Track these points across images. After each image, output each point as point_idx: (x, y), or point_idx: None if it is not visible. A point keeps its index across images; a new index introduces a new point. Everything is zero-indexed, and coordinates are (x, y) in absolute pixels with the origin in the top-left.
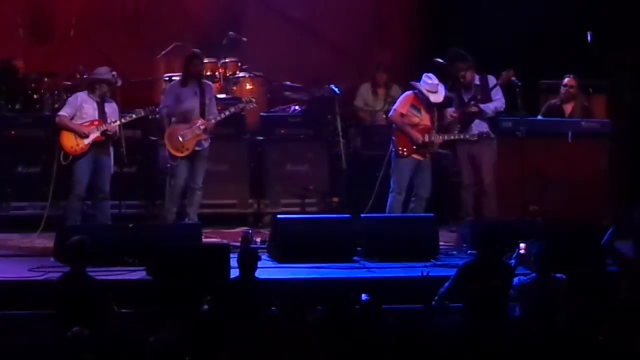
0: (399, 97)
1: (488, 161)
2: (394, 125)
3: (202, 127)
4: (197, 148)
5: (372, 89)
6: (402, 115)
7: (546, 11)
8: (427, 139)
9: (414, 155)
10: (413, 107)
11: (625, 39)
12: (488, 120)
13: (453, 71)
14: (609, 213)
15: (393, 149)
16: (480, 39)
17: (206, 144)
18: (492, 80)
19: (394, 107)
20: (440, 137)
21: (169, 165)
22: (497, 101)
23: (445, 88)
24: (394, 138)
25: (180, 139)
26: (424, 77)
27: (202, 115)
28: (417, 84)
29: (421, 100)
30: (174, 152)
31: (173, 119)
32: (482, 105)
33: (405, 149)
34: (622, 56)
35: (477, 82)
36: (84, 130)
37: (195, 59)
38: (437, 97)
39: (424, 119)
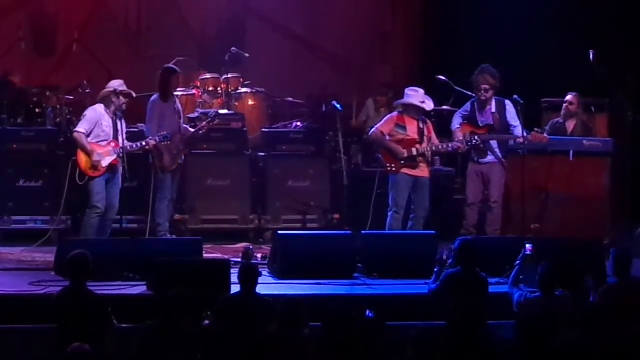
0: None
1: (497, 179)
2: (375, 143)
3: (182, 143)
4: (179, 161)
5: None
6: (382, 133)
7: (548, 29)
8: (414, 152)
9: (406, 170)
10: (398, 125)
11: (626, 57)
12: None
13: (477, 81)
14: (610, 231)
15: (381, 168)
16: (481, 55)
17: (183, 156)
18: (508, 105)
19: (376, 125)
20: (429, 149)
21: (159, 178)
22: (515, 129)
23: (433, 100)
24: (379, 156)
25: (167, 156)
26: (407, 91)
27: (179, 130)
28: (405, 101)
29: (408, 117)
30: (163, 168)
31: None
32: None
33: (392, 165)
34: (624, 75)
35: (493, 109)
36: (101, 151)
37: (177, 74)
38: (429, 104)
39: (410, 133)
